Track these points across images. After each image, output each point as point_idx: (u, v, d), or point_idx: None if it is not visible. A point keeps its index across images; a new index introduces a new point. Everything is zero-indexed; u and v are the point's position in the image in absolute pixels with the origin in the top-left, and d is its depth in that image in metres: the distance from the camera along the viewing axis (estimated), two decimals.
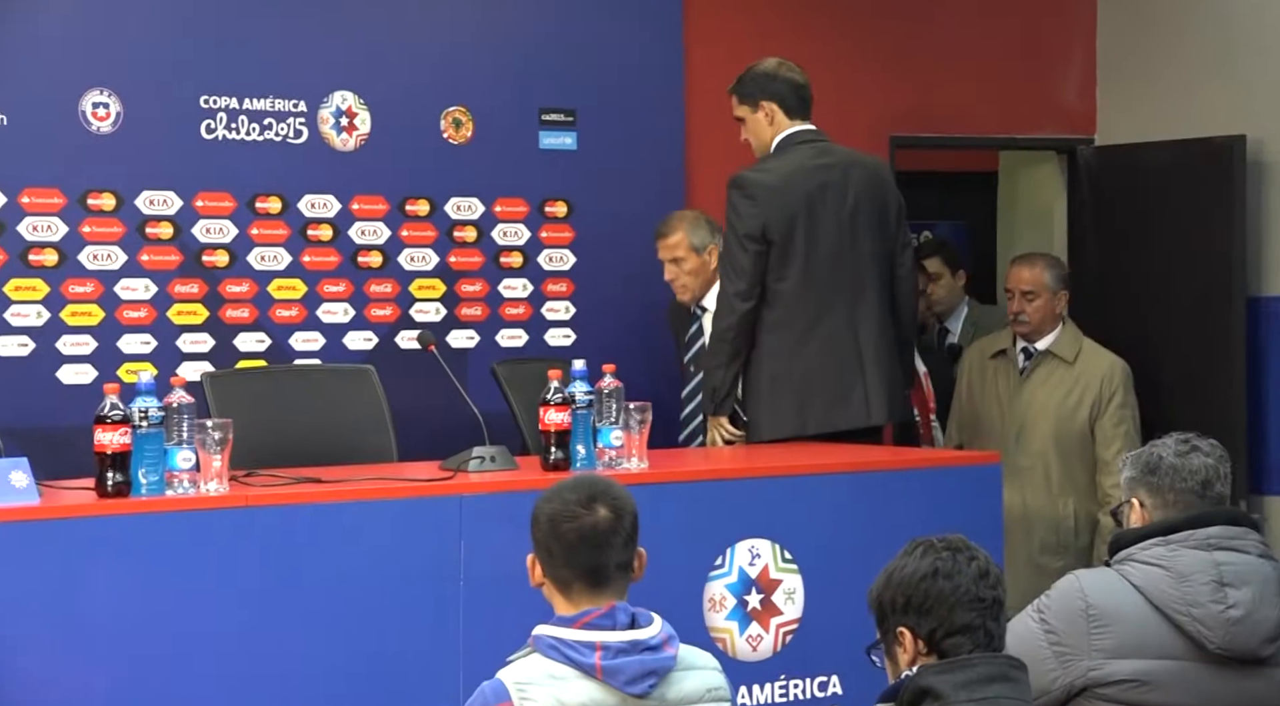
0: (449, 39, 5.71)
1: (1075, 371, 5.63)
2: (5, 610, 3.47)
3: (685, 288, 5.45)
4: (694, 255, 5.41)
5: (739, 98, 5.24)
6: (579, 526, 2.91)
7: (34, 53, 5.14)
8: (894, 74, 6.51)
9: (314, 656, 3.76)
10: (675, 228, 5.46)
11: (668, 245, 5.45)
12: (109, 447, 3.62)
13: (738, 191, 5.10)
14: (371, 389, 4.92)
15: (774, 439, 5.02)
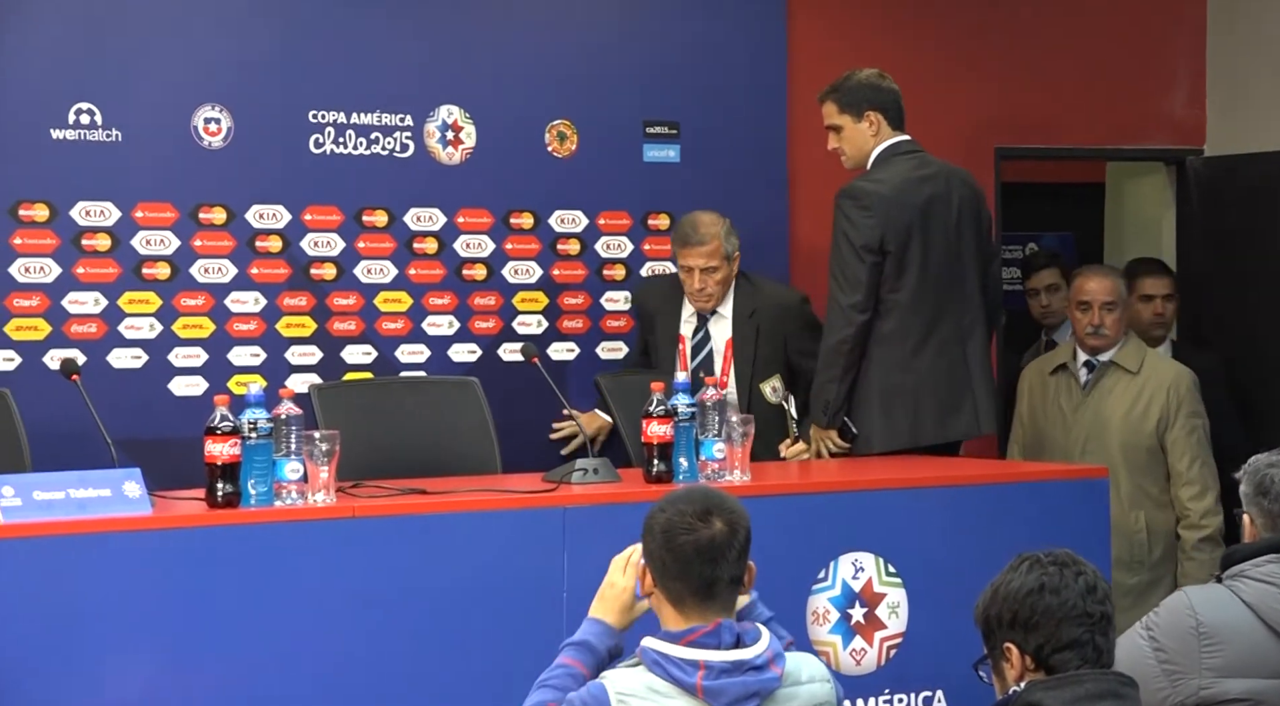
0: (554, 53, 5.74)
1: (1140, 382, 5.45)
2: (118, 618, 3.52)
3: (712, 297, 5.31)
4: (726, 264, 5.29)
5: (840, 106, 5.21)
6: (694, 539, 2.89)
7: (148, 70, 5.23)
8: (998, 84, 6.46)
9: (418, 667, 3.79)
10: (710, 236, 5.27)
11: (703, 253, 5.26)
12: (219, 459, 3.67)
13: (852, 202, 5.08)
14: (475, 401, 4.96)
15: (885, 451, 5.00)
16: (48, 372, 5.03)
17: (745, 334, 5.30)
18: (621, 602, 3.11)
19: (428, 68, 5.57)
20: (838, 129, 5.22)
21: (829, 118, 5.23)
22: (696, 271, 5.25)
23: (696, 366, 5.28)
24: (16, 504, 3.49)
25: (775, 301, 5.37)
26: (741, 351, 5.29)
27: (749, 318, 5.31)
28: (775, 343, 5.30)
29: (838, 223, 5.08)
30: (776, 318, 5.33)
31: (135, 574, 3.56)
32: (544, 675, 3.04)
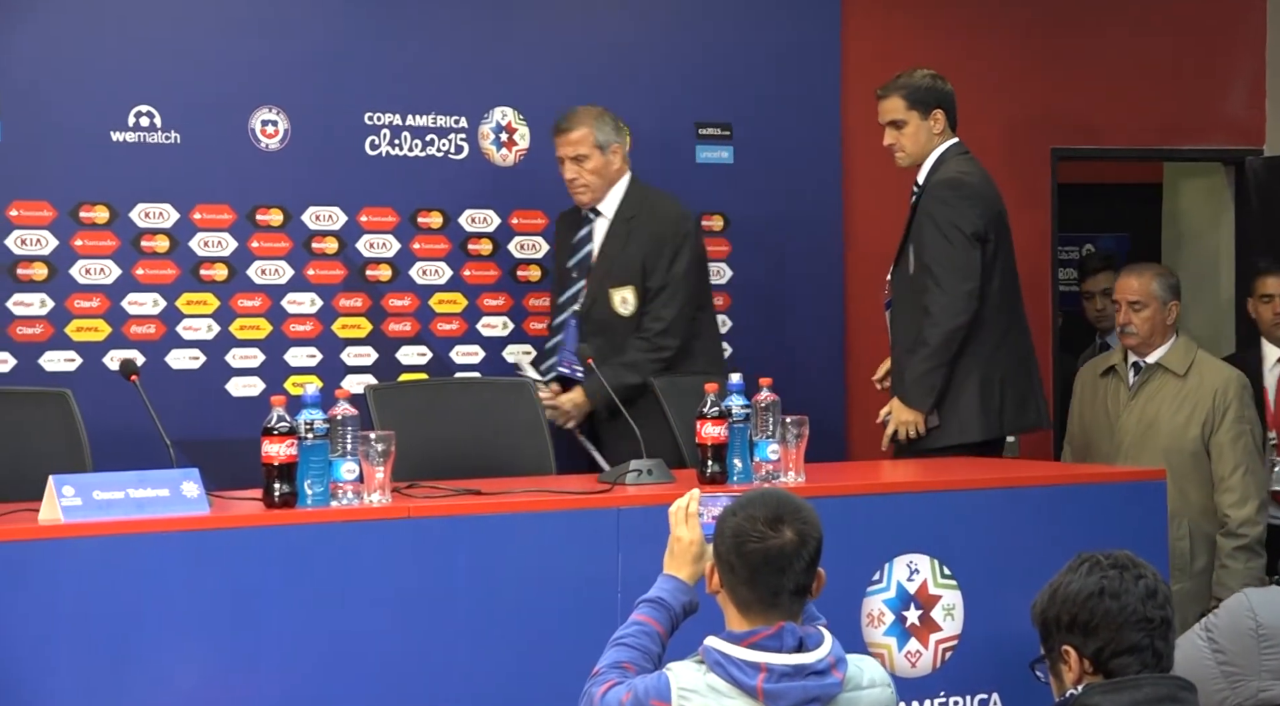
0: (607, 55, 5.75)
1: (1187, 385, 5.35)
2: (176, 617, 3.55)
3: (586, 187, 5.20)
4: (598, 153, 5.18)
5: (909, 102, 5.19)
6: (764, 548, 2.88)
7: (206, 72, 5.27)
8: (1054, 85, 6.43)
9: (473, 667, 3.80)
10: (579, 122, 5.19)
11: (570, 141, 5.18)
12: (276, 459, 3.69)
13: (955, 192, 5.11)
14: (530, 401, 4.96)
15: (984, 439, 5.11)
16: (107, 373, 5.07)
17: (617, 234, 5.22)
18: (691, 554, 3.12)
19: (482, 70, 5.59)
20: (900, 125, 5.20)
21: (893, 113, 5.21)
22: (567, 161, 5.18)
23: (571, 265, 5.24)
24: (77, 503, 3.52)
25: (655, 210, 5.25)
26: (606, 250, 5.22)
27: (627, 220, 5.23)
28: (639, 251, 5.20)
29: (940, 212, 5.08)
30: (650, 226, 5.22)
31: (193, 573, 3.58)
32: (619, 632, 3.06)
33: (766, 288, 5.96)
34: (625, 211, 5.22)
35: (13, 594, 3.39)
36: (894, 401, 5.12)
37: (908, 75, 5.23)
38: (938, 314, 5.05)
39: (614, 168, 5.20)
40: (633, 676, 2.95)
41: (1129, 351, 5.49)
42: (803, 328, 5.96)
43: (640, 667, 2.99)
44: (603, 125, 5.17)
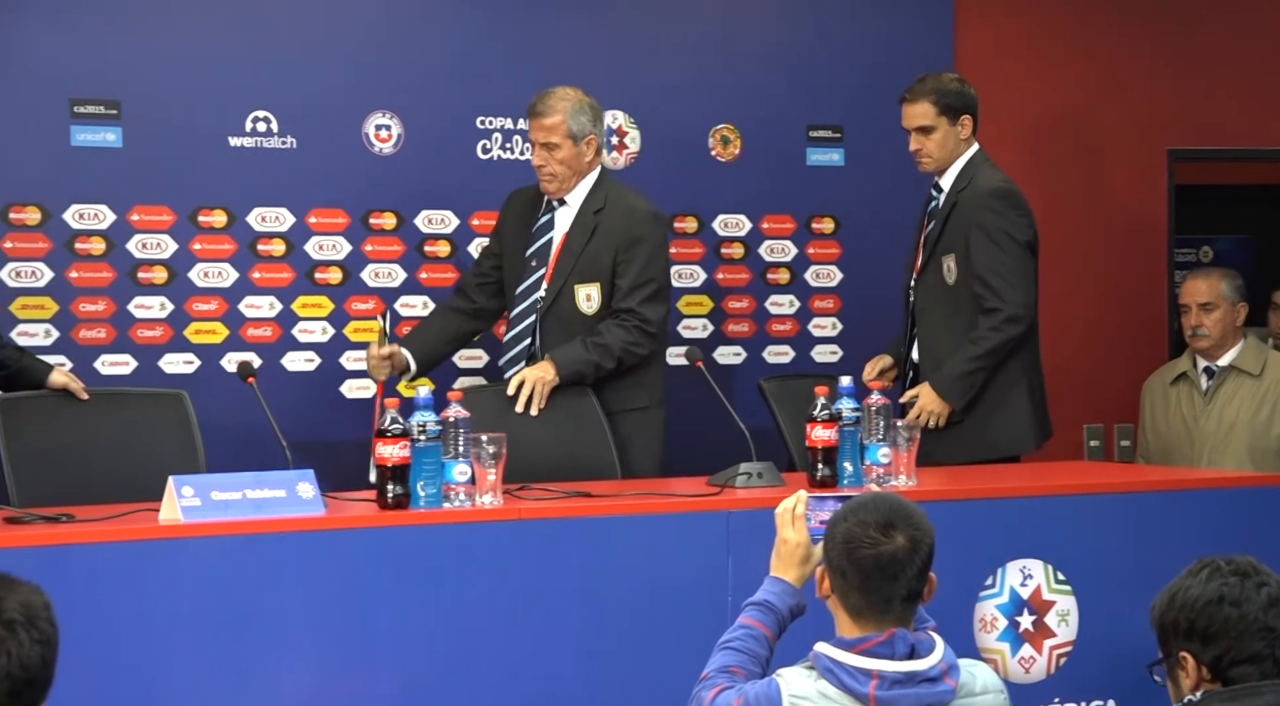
0: (717, 57, 5.75)
1: (1264, 384, 5.34)
2: (291, 617, 3.59)
3: (553, 176, 4.88)
4: (570, 143, 4.85)
5: (940, 107, 5.13)
6: (876, 554, 2.85)
7: (321, 78, 5.34)
8: (1172, 84, 6.34)
9: (582, 669, 3.82)
10: (554, 108, 4.86)
11: (543, 127, 4.86)
12: (389, 461, 3.73)
13: (1006, 202, 5.07)
14: (593, 409, 4.91)
15: (1019, 452, 5.10)
16: (225, 375, 5.15)
17: (582, 227, 4.91)
18: (798, 557, 3.10)
19: (594, 73, 5.60)
20: (929, 130, 5.13)
21: (922, 118, 5.13)
22: (538, 146, 4.89)
23: (530, 254, 4.95)
24: (196, 504, 3.58)
25: (625, 205, 4.93)
26: (571, 244, 4.92)
27: (594, 213, 4.92)
28: (607, 247, 4.89)
29: (993, 222, 5.04)
30: (619, 222, 4.90)
31: (308, 573, 3.63)
32: (725, 635, 3.05)
33: (877, 291, 5.92)
34: (592, 204, 4.91)
35: (134, 592, 3.46)
36: (924, 388, 5.04)
37: (935, 79, 5.17)
38: (1000, 322, 5.00)
39: (585, 160, 4.89)
40: (741, 681, 2.95)
41: (1197, 356, 5.46)
42: None
43: (748, 672, 2.98)
44: (579, 114, 4.86)
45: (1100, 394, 6.27)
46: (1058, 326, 6.22)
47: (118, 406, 4.53)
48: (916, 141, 5.14)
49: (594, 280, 4.89)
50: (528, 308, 4.92)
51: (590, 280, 4.89)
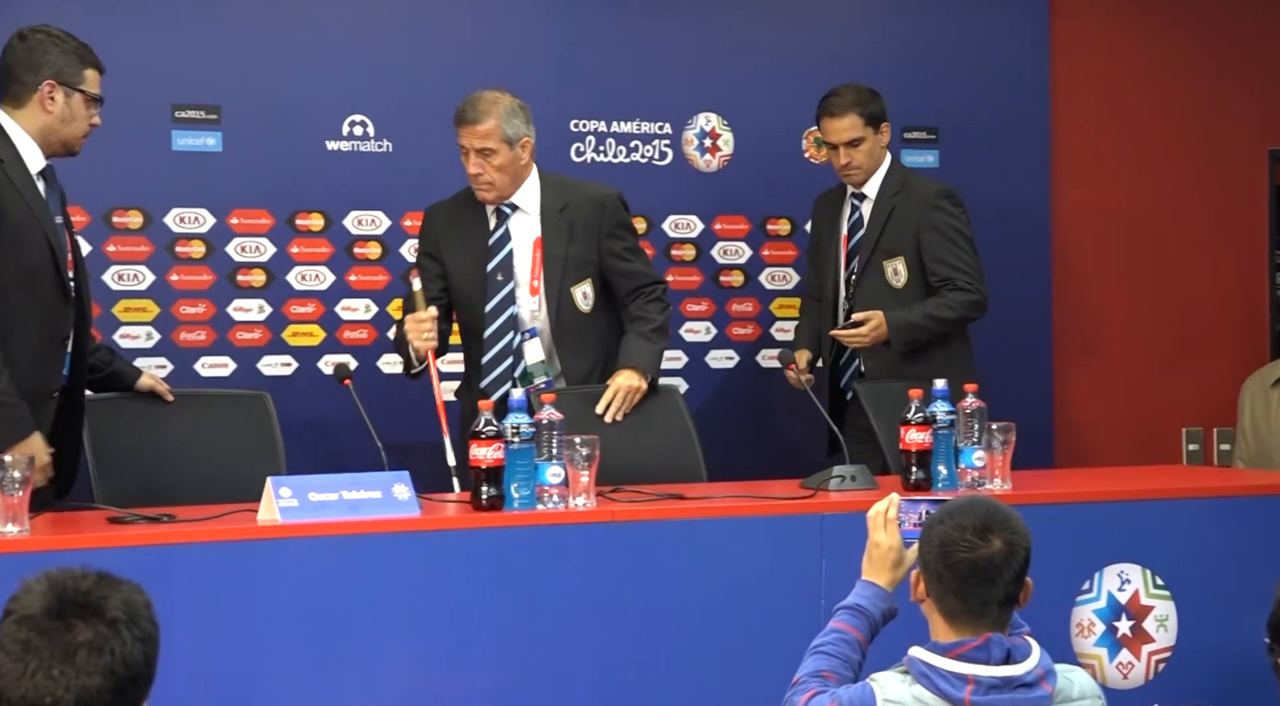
0: (810, 59, 5.74)
1: None
2: (386, 617, 3.63)
3: (490, 185, 4.65)
4: (506, 148, 4.63)
5: (865, 118, 5.17)
6: (973, 558, 2.84)
7: (417, 82, 5.38)
8: (1272, 84, 6.25)
9: (676, 671, 3.82)
10: (486, 114, 4.64)
11: (477, 133, 4.64)
12: (484, 462, 3.76)
13: (952, 201, 5.26)
14: (678, 410, 4.90)
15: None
16: (322, 377, 5.21)
17: (556, 230, 4.71)
18: (890, 561, 3.10)
19: (687, 76, 5.62)
20: (858, 142, 5.16)
21: (851, 131, 5.15)
22: (471, 153, 4.65)
23: (494, 268, 4.70)
24: (294, 504, 3.62)
25: (589, 196, 4.77)
26: (551, 250, 4.71)
27: (559, 212, 4.72)
28: (588, 242, 4.74)
29: (945, 221, 5.19)
30: (592, 214, 4.74)
31: (403, 574, 3.66)
32: (817, 640, 3.04)
33: None
34: (553, 204, 4.72)
35: (233, 591, 3.50)
36: (878, 313, 5.05)
37: (855, 91, 5.18)
38: (970, 302, 5.15)
39: (521, 163, 4.67)
40: (834, 685, 2.94)
41: None
42: (1009, 334, 5.88)
43: (841, 676, 2.98)
44: (512, 117, 4.65)
45: (1200, 396, 6.20)
46: (1157, 328, 6.16)
47: (201, 408, 4.59)
48: (845, 156, 5.17)
49: (585, 278, 4.74)
50: (504, 325, 4.69)
51: (582, 279, 4.74)
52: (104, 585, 2.02)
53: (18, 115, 4.11)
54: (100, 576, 2.04)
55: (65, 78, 4.13)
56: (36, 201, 4.07)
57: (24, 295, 4.03)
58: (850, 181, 5.20)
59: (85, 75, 4.17)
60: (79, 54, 4.17)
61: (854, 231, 5.21)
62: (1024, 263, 5.94)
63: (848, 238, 5.21)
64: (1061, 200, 5.99)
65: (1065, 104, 5.95)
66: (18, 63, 4.12)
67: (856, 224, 5.21)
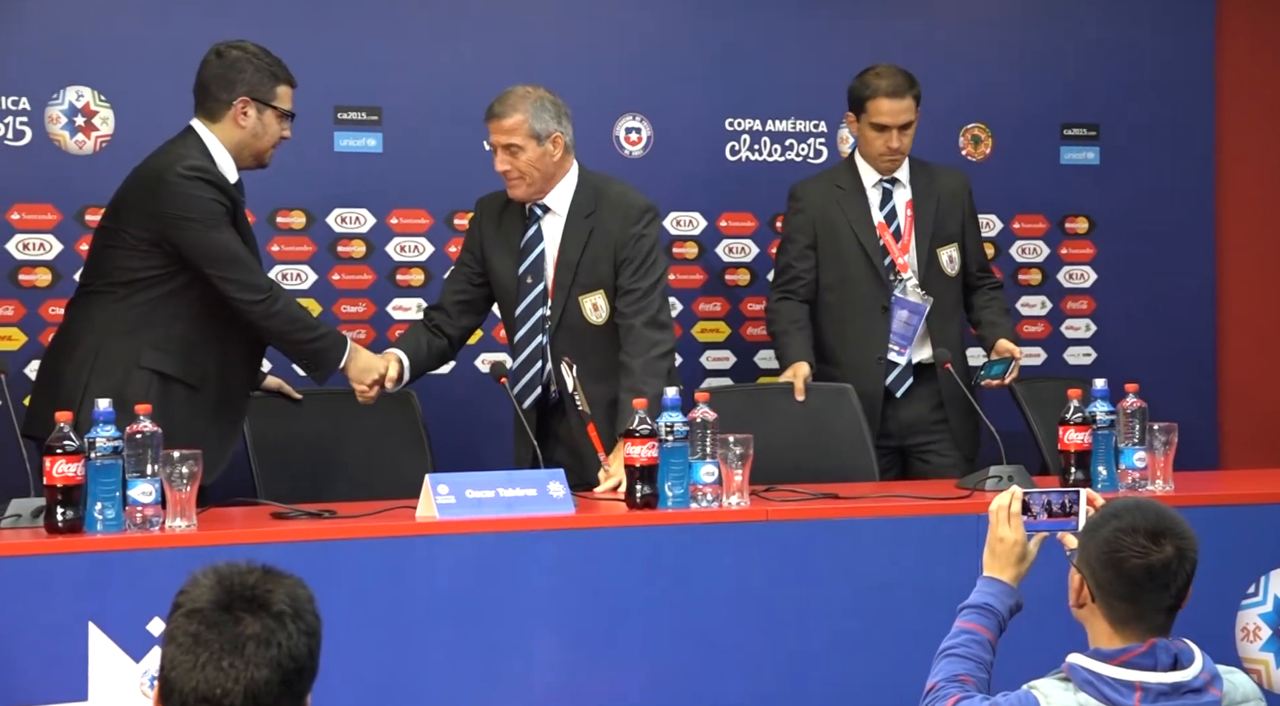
0: (969, 56, 5.68)
1: None
2: (541, 613, 3.66)
3: (520, 180, 4.49)
4: (534, 143, 4.47)
5: (916, 102, 5.04)
6: (1146, 563, 2.77)
7: (572, 81, 5.40)
8: None
9: (827, 671, 3.81)
10: (513, 108, 4.48)
11: (503, 129, 4.47)
12: (638, 461, 3.78)
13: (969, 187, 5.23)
14: (851, 408, 4.90)
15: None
16: (478, 375, 5.26)
17: (576, 233, 4.52)
18: (1015, 555, 3.05)
19: (842, 73, 5.58)
20: (909, 126, 5.02)
21: (908, 114, 5.01)
22: (499, 149, 4.50)
23: (525, 271, 4.55)
24: (451, 501, 3.67)
25: (617, 202, 4.55)
26: (567, 254, 4.52)
27: (585, 217, 4.54)
28: (606, 250, 4.51)
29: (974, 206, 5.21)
30: (615, 222, 4.53)
31: (558, 571, 3.69)
32: (946, 642, 3.00)
33: (1133, 292, 5.80)
34: (581, 207, 4.54)
35: (392, 586, 3.56)
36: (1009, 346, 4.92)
37: (905, 73, 5.03)
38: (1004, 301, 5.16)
39: (554, 159, 4.49)
40: (972, 689, 2.90)
41: None
42: (1172, 333, 5.78)
43: (977, 679, 2.93)
44: (540, 112, 4.48)
45: None
46: None
47: (353, 405, 4.67)
48: (898, 138, 5.01)
49: (597, 288, 4.51)
50: (533, 327, 4.53)
51: (594, 289, 4.51)
52: (269, 579, 2.06)
53: (214, 128, 4.23)
54: (265, 570, 2.07)
55: (259, 94, 4.24)
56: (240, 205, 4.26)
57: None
58: (889, 168, 5.05)
59: (278, 92, 4.28)
60: (272, 70, 4.28)
61: (890, 219, 5.10)
62: (1188, 260, 5.83)
63: (885, 225, 5.08)
64: (1226, 197, 5.86)
65: (1230, 99, 5.82)
66: (214, 79, 4.24)
67: (892, 212, 5.08)
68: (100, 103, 4.94)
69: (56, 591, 3.33)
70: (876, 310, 5.00)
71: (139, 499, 3.42)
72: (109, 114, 4.95)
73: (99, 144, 4.93)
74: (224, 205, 4.16)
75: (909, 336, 4.99)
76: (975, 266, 5.14)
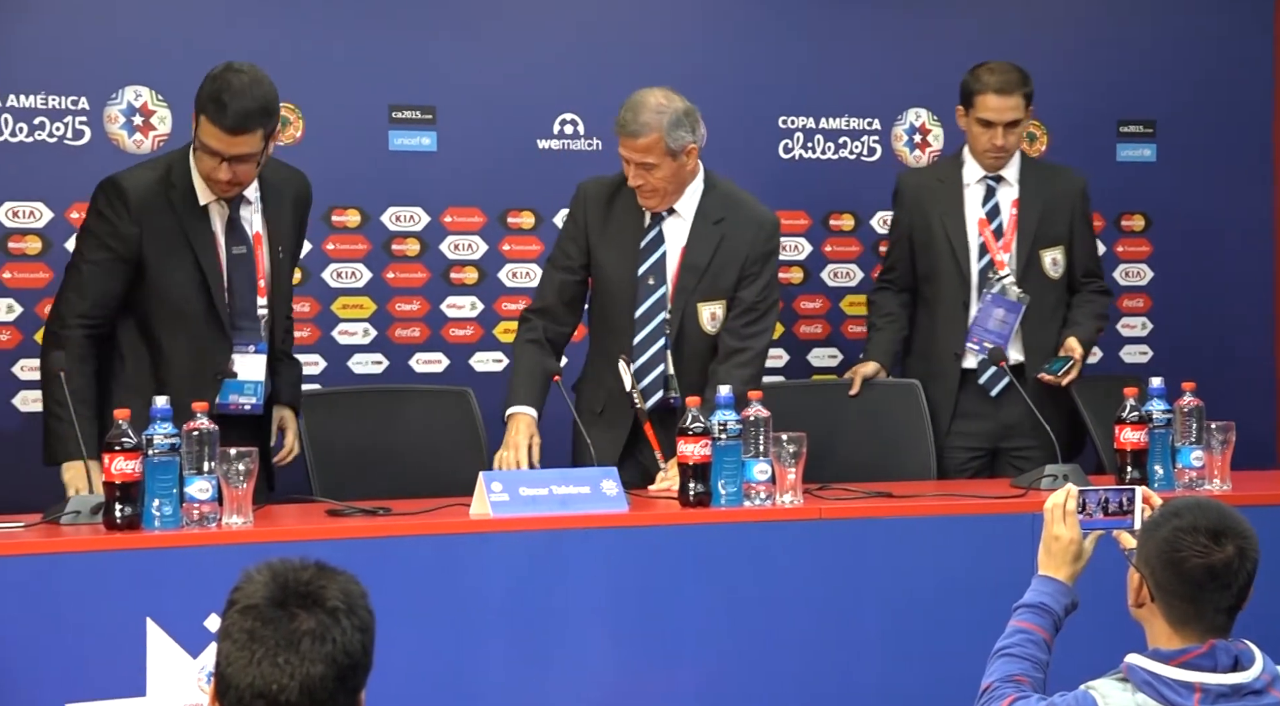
0: (1025, 53, 5.62)
1: None
2: (594, 610, 3.67)
3: (654, 193, 4.35)
4: (669, 160, 4.31)
5: (1026, 100, 4.98)
6: (1208, 563, 2.74)
7: (626, 80, 5.39)
8: None
9: (881, 670, 3.80)
10: (648, 127, 4.29)
11: (637, 148, 4.30)
12: (691, 459, 3.78)
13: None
14: (917, 405, 4.88)
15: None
16: None
17: (703, 239, 4.41)
18: (1070, 554, 3.03)
19: (897, 72, 5.57)
20: (1016, 124, 4.97)
21: (1015, 111, 4.95)
22: (633, 165, 4.34)
23: (645, 272, 4.43)
24: (505, 499, 3.68)
25: (748, 214, 4.45)
26: (692, 259, 4.40)
27: (714, 223, 4.42)
28: (734, 261, 4.41)
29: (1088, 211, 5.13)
30: (745, 233, 4.42)
31: (612, 568, 3.70)
32: (1001, 641, 2.98)
33: (1190, 290, 5.75)
34: (709, 212, 4.43)
35: (446, 583, 3.58)
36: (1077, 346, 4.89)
37: (1017, 70, 4.97)
38: (1106, 309, 5.10)
39: (688, 170, 4.38)
40: (1028, 689, 2.88)
41: None
42: (1229, 330, 5.73)
43: (1032, 679, 2.91)
44: (675, 128, 4.30)
45: None
46: None
47: (408, 403, 4.69)
48: (1003, 136, 4.96)
49: (719, 298, 4.42)
50: (654, 331, 4.41)
51: (715, 298, 4.42)
52: (323, 575, 2.07)
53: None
54: (319, 566, 2.08)
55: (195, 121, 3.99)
56: (198, 232, 4.06)
57: (173, 326, 4.06)
58: (993, 165, 5.01)
59: (199, 121, 3.97)
60: (199, 97, 3.97)
61: (993, 216, 5.07)
62: (1245, 257, 5.79)
63: (986, 221, 5.05)
64: None
65: None
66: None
67: (994, 209, 5.05)
68: (158, 102, 4.98)
69: (115, 587, 3.36)
70: (956, 306, 4.97)
71: (196, 495, 3.45)
72: (166, 113, 4.99)
73: (156, 143, 4.97)
74: (108, 219, 4.01)
75: (1005, 334, 4.94)
76: (1081, 271, 5.05)
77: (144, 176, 4.09)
